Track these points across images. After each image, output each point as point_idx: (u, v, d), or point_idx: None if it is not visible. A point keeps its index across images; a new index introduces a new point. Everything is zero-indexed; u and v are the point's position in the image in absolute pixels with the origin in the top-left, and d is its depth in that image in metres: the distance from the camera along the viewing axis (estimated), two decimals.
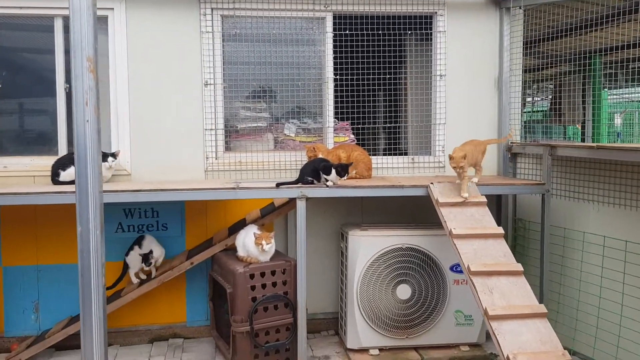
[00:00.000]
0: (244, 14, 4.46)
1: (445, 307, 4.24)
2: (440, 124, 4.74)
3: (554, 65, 6.69)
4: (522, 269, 3.37)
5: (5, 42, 4.41)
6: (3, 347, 4.29)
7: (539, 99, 9.85)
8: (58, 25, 4.30)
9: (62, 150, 4.37)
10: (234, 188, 3.78)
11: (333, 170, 3.88)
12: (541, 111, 9.48)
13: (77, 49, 1.53)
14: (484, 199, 3.83)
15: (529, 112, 9.58)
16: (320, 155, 4.27)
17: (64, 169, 4.07)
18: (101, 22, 4.33)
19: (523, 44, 4.71)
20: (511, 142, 4.70)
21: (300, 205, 3.82)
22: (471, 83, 4.74)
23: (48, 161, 4.18)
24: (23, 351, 4.06)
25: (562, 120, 7.33)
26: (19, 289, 4.36)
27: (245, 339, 3.81)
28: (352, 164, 4.13)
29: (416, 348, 4.28)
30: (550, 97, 8.50)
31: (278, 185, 3.88)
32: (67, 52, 4.37)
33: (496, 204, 4.82)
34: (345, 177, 3.92)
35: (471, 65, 4.73)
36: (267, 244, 3.84)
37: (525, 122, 6.62)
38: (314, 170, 3.95)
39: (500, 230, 3.61)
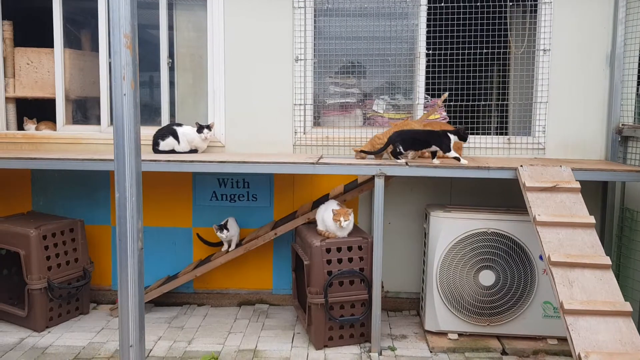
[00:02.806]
0: None
1: (533, 297, 4.01)
2: (541, 103, 4.43)
3: None
4: (609, 262, 3.09)
5: None
6: (110, 299, 4.75)
7: None
8: (162, 2, 4.56)
9: (165, 120, 4.68)
10: (312, 163, 3.83)
11: (452, 137, 3.83)
12: None
13: (115, 26, 1.62)
14: (577, 185, 3.54)
15: None
16: None
17: (162, 139, 4.36)
18: None
19: None
20: (622, 124, 4.28)
21: (379, 183, 3.78)
22: (578, 59, 4.36)
23: (152, 131, 4.46)
24: None
25: None
26: None
27: (320, 310, 3.89)
28: (464, 130, 3.93)
29: (498, 337, 4.10)
30: None
31: (359, 152, 3.88)
32: (170, 27, 4.65)
33: (602, 191, 4.44)
34: (450, 153, 3.85)
35: (579, 40, 4.34)
36: (345, 220, 3.86)
37: None
38: (422, 139, 3.91)
39: (591, 219, 3.33)
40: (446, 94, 4.20)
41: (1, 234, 4.21)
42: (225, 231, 4.30)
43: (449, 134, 3.87)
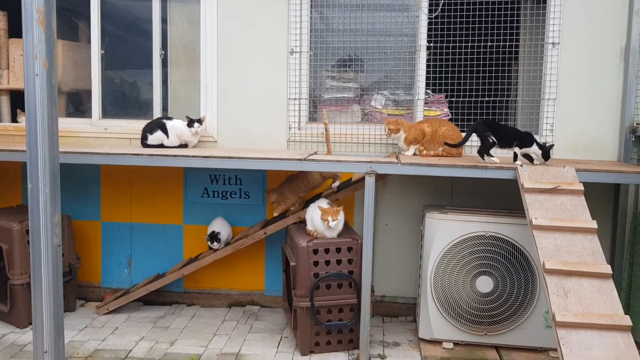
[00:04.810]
0: None
1: (534, 306, 3.76)
2: (550, 99, 4.17)
3: None
4: (610, 271, 2.84)
5: (108, 11, 4.60)
6: (99, 296, 4.64)
7: None
8: None
9: (157, 114, 4.55)
10: (300, 159, 3.65)
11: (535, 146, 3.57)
12: None
13: (27, 0, 1.47)
14: (581, 187, 3.29)
15: None
16: (402, 130, 3.97)
17: (151, 133, 4.23)
18: None
19: None
20: (637, 124, 4.00)
21: (369, 182, 3.58)
22: (590, 53, 4.09)
23: (143, 124, 4.35)
24: (111, 302, 4.36)
25: None
26: (115, 244, 4.66)
27: (306, 314, 3.70)
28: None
29: (496, 347, 3.86)
30: None
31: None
32: (163, 20, 4.52)
33: (614, 195, 4.16)
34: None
35: (591, 32, 4.07)
36: (333, 220, 3.66)
37: None
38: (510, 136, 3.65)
39: (593, 224, 3.07)
40: (325, 111, 4.21)
41: None
42: (216, 243, 4.17)
43: (534, 140, 3.61)
